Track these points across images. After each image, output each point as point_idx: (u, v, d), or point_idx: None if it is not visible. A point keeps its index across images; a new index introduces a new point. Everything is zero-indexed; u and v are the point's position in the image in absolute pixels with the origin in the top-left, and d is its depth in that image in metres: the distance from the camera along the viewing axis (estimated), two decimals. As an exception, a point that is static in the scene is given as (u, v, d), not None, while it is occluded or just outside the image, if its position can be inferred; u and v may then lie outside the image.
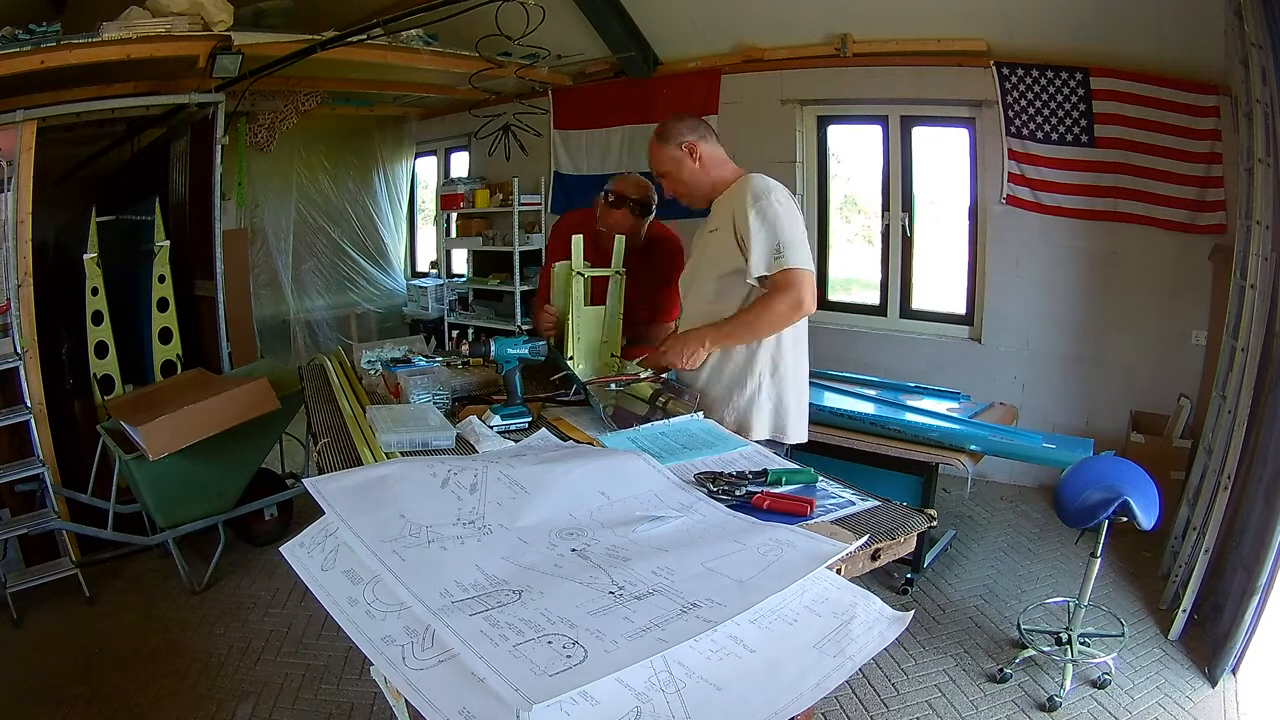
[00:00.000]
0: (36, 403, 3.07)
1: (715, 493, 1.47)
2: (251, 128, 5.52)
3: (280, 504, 3.48)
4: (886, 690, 2.48)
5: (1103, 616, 2.77)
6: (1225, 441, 2.67)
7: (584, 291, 2.18)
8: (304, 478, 1.52)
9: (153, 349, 3.69)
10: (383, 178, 7.09)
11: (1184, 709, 2.34)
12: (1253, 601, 2.32)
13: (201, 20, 3.49)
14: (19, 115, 3.08)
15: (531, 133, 5.76)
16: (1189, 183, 3.51)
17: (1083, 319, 3.91)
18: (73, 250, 3.63)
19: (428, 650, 0.97)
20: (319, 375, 2.52)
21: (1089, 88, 3.63)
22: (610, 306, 2.22)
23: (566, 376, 2.15)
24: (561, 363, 2.16)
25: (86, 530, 3.04)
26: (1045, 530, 3.58)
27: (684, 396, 1.98)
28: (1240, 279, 2.76)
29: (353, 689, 2.50)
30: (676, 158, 2.10)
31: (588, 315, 2.18)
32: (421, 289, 6.86)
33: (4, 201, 3.04)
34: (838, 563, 1.20)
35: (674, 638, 0.98)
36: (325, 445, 1.84)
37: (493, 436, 1.84)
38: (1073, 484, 2.39)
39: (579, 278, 2.14)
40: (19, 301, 3.08)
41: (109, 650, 2.73)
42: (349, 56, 4.16)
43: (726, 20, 4.62)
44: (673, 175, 2.12)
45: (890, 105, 4.33)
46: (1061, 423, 3.90)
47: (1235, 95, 3.13)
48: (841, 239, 4.91)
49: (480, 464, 1.46)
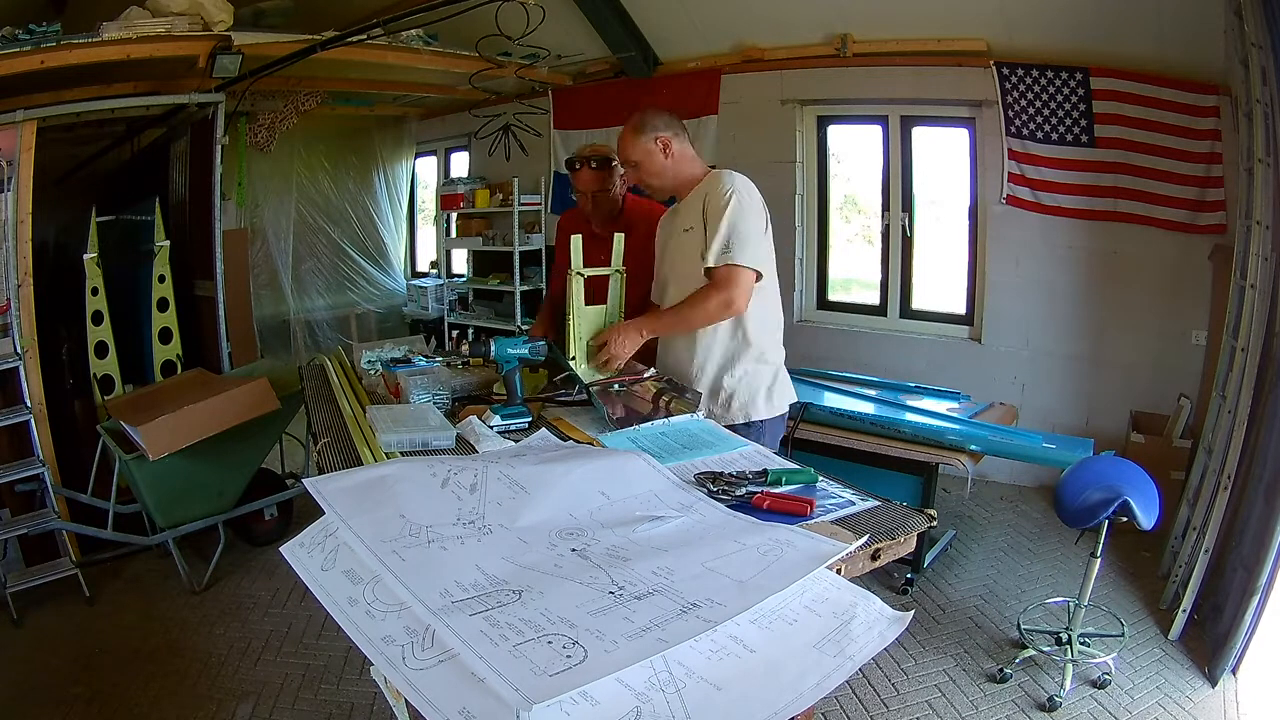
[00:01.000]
0: (36, 403, 3.07)
1: (715, 493, 1.47)
2: (251, 128, 5.52)
3: (280, 504, 3.48)
4: (886, 690, 2.48)
5: (1103, 616, 2.77)
6: (1225, 441, 2.67)
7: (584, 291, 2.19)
8: (304, 478, 1.52)
9: (153, 349, 3.69)
10: (383, 178, 7.09)
11: (1184, 709, 2.34)
12: (1253, 601, 2.32)
13: (201, 20, 3.49)
14: (19, 115, 3.08)
15: (531, 133, 5.76)
16: (1189, 183, 3.51)
17: (1083, 319, 3.91)
18: (73, 250, 3.63)
19: (428, 650, 0.97)
20: (319, 375, 2.52)
21: (1089, 88, 3.63)
22: (610, 306, 2.22)
23: (569, 377, 2.16)
24: (563, 363, 2.17)
25: (86, 530, 3.04)
26: (1045, 530, 3.58)
27: (685, 395, 1.99)
28: (1240, 279, 2.76)
29: (353, 689, 2.50)
30: (649, 150, 2.13)
31: (588, 315, 2.18)
32: (421, 289, 6.86)
33: (4, 201, 3.04)
34: (838, 563, 1.20)
35: (674, 638, 0.98)
36: (325, 445, 1.84)
37: (493, 436, 1.84)
38: (1073, 484, 2.39)
39: (578, 278, 2.16)
40: (19, 301, 3.08)
41: (109, 650, 2.74)
42: (349, 56, 4.16)
43: (726, 20, 4.62)
44: (643, 166, 2.15)
45: (890, 105, 4.33)
46: (1061, 423, 3.90)
47: (1235, 95, 3.13)
48: (841, 239, 4.91)
49: (480, 464, 1.46)
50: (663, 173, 2.15)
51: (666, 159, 2.14)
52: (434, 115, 6.85)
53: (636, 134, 2.13)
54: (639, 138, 2.13)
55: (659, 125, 2.13)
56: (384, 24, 4.00)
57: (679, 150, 2.16)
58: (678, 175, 2.17)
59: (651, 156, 2.14)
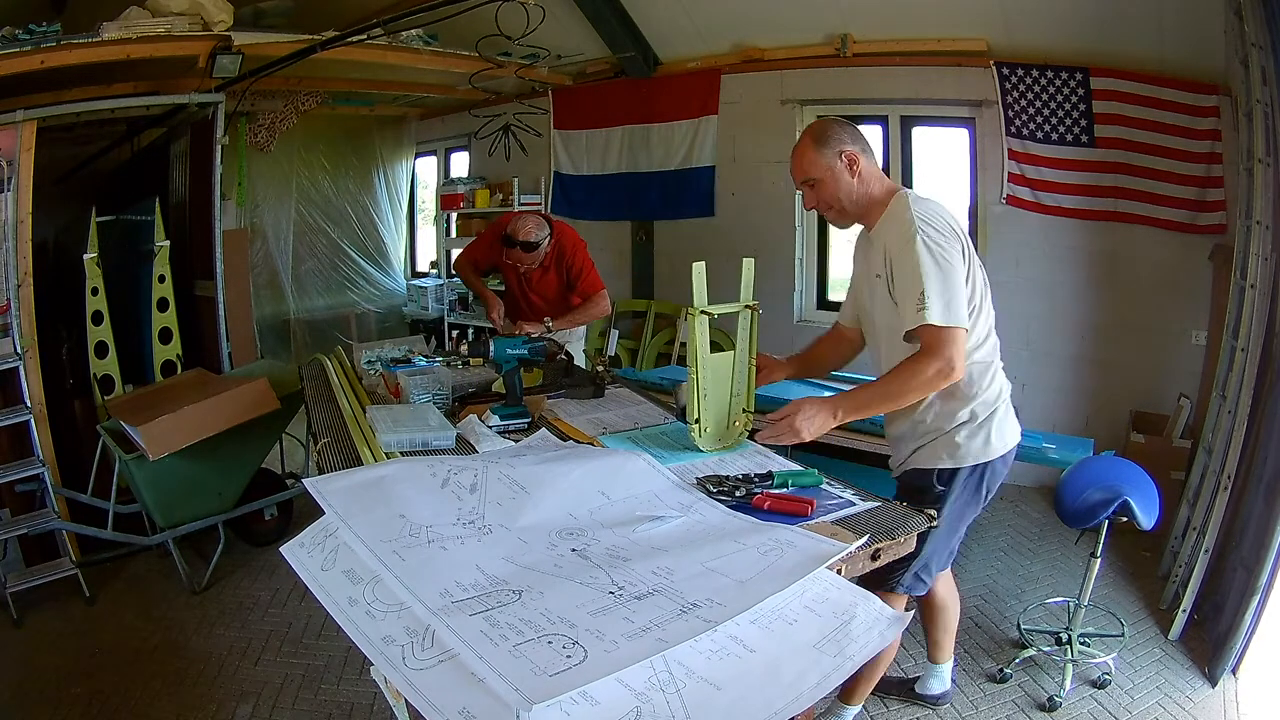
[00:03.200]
0: (36, 403, 3.07)
1: (715, 493, 1.47)
2: (251, 128, 5.52)
3: (280, 504, 3.47)
4: (886, 690, 2.48)
5: (1103, 616, 2.77)
6: (1225, 441, 2.67)
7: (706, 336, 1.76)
8: (304, 478, 1.52)
9: (153, 349, 3.69)
10: (383, 178, 7.09)
11: (1184, 709, 2.34)
12: (1253, 601, 2.32)
13: (201, 20, 3.49)
14: (19, 115, 3.07)
15: (531, 133, 5.75)
16: (1189, 183, 3.51)
17: (1083, 319, 3.91)
18: (73, 250, 3.63)
19: (428, 650, 0.97)
20: (319, 375, 2.52)
21: (1089, 88, 3.63)
22: (740, 350, 1.82)
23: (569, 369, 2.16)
24: (693, 438, 1.77)
25: (86, 530, 3.04)
26: (1045, 530, 3.58)
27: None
28: (1240, 279, 2.76)
29: (353, 689, 2.50)
30: (834, 168, 1.80)
31: (716, 365, 1.78)
32: (421, 289, 6.85)
33: (4, 201, 3.04)
34: (838, 563, 1.20)
35: (674, 638, 0.98)
36: (325, 445, 1.84)
37: (493, 436, 1.84)
38: (1073, 484, 2.39)
39: (703, 318, 1.73)
40: (19, 301, 3.08)
41: (109, 650, 2.73)
42: (349, 56, 4.16)
43: (726, 20, 4.62)
44: (826, 184, 1.82)
45: (890, 105, 4.33)
46: (1061, 423, 3.90)
47: (1235, 95, 3.13)
48: (842, 239, 4.90)
49: (480, 464, 1.46)
50: (850, 194, 1.82)
51: (855, 179, 1.81)
52: (434, 115, 6.85)
53: (820, 148, 1.80)
54: (822, 152, 1.80)
55: (845, 138, 1.81)
56: (384, 24, 4.00)
57: (867, 168, 1.82)
58: (866, 198, 1.83)
59: (838, 176, 1.80)
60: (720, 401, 1.78)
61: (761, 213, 4.74)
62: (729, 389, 1.79)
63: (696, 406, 1.73)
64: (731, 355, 1.80)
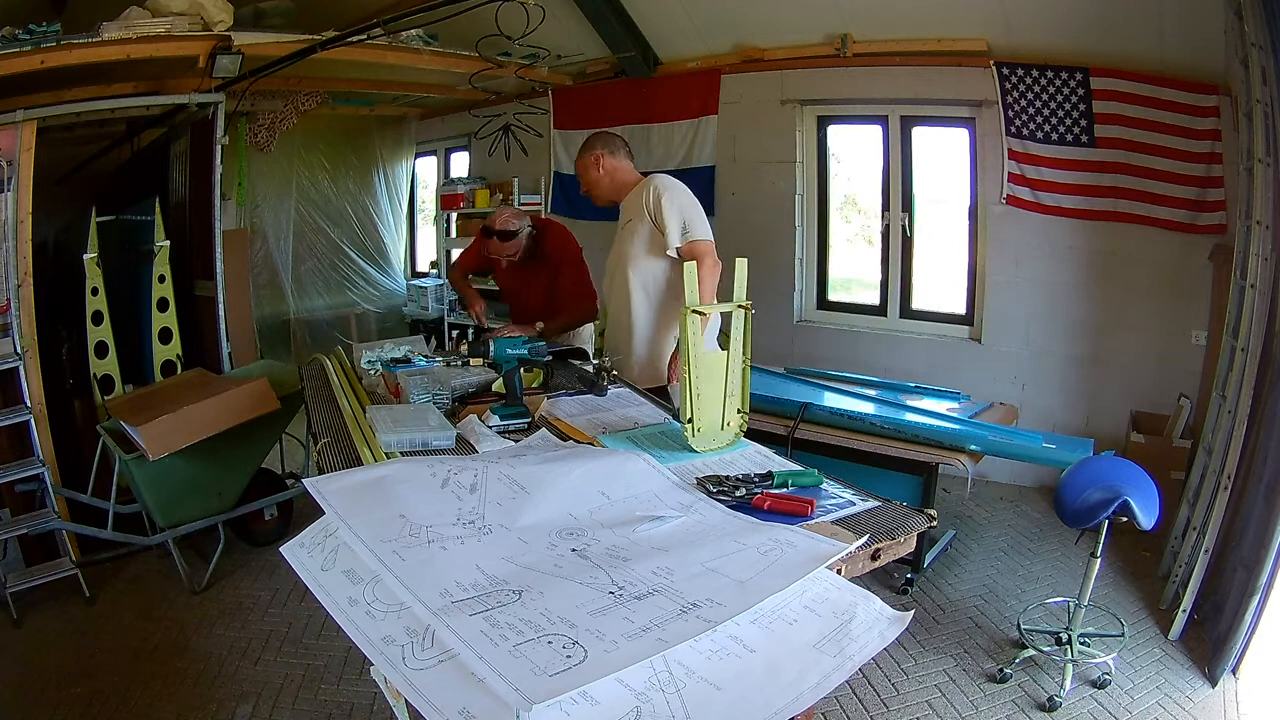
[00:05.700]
0: (36, 403, 3.07)
1: (715, 493, 1.47)
2: (251, 128, 5.52)
3: (280, 504, 3.48)
4: (886, 690, 2.48)
5: (1103, 616, 2.77)
6: (1225, 441, 2.67)
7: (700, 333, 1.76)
8: (304, 478, 1.52)
9: (153, 349, 3.69)
10: (383, 178, 7.09)
11: (1184, 709, 2.34)
12: (1253, 601, 2.32)
13: (201, 20, 3.49)
14: (19, 115, 3.08)
15: (531, 133, 5.75)
16: (1189, 183, 3.51)
17: (1083, 319, 3.91)
18: (73, 250, 3.63)
19: (428, 650, 0.97)
20: (319, 375, 2.52)
21: (1089, 88, 3.63)
22: (733, 351, 1.79)
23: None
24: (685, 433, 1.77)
25: (86, 530, 3.04)
26: (1045, 530, 3.58)
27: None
28: (1240, 279, 2.76)
29: (353, 689, 2.50)
30: (586, 165, 2.75)
31: (709, 364, 1.76)
32: (421, 289, 6.85)
33: (4, 201, 3.04)
34: (838, 563, 1.20)
35: (674, 638, 0.98)
36: (325, 445, 1.84)
37: (493, 436, 1.84)
38: (1073, 484, 2.39)
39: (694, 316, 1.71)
40: (19, 301, 3.08)
41: (109, 650, 2.73)
42: (349, 56, 4.16)
43: (726, 20, 4.62)
44: (585, 178, 2.78)
45: (890, 105, 4.33)
46: (1061, 423, 3.90)
47: (1235, 95, 3.13)
48: (841, 239, 4.91)
49: (480, 464, 1.46)
50: (598, 182, 2.75)
51: (600, 171, 2.73)
52: (434, 115, 6.85)
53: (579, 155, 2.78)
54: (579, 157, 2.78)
55: (595, 145, 2.74)
56: (384, 24, 4.00)
57: (611, 164, 2.73)
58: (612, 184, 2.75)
59: (588, 170, 2.74)
60: (714, 401, 1.76)
61: (761, 213, 4.74)
62: (723, 388, 1.78)
63: (690, 406, 1.72)
64: (725, 355, 1.79)
